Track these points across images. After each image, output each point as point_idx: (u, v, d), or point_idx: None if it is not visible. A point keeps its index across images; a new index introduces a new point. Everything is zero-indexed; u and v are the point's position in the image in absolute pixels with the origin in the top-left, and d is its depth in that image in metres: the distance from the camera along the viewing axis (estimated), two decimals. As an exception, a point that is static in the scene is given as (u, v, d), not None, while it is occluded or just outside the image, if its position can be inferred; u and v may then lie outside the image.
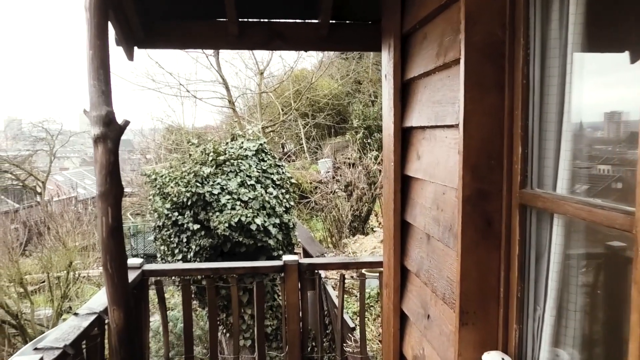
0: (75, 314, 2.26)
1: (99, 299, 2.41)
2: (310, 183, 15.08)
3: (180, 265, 3.35)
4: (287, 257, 3.34)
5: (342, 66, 19.65)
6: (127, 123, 2.07)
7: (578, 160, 1.35)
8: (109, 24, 2.44)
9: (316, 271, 3.63)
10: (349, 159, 14.66)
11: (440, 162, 1.82)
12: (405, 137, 2.24)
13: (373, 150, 14.49)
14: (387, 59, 2.30)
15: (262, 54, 16.24)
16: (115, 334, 2.08)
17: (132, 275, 2.94)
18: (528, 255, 1.51)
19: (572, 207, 1.25)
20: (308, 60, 27.82)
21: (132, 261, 3.07)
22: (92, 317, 2.23)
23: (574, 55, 1.32)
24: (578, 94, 1.34)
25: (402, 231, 2.30)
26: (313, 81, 17.50)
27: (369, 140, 15.55)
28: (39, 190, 20.19)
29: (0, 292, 9.28)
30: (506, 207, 1.55)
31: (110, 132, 1.97)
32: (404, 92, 2.22)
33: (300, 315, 3.42)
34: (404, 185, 2.27)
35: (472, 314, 1.60)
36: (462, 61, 1.53)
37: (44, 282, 10.70)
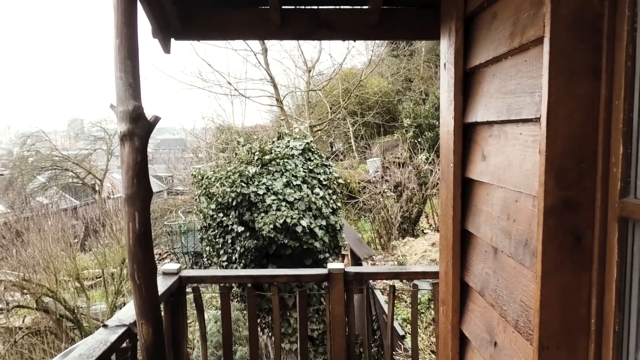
0: (105, 326, 2.12)
1: (129, 310, 2.27)
2: (359, 183, 14.81)
3: (219, 272, 3.19)
4: (332, 265, 3.10)
5: (393, 64, 19.28)
6: (157, 119, 1.89)
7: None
8: (145, 15, 2.30)
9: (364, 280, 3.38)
10: (398, 158, 14.31)
11: (512, 164, 1.53)
12: (467, 134, 1.96)
13: (424, 149, 14.06)
14: (446, 46, 2.02)
15: (310, 53, 16.18)
16: (144, 350, 1.92)
17: (169, 282, 2.81)
18: (629, 280, 1.21)
19: None
20: (357, 58, 27.60)
21: (169, 267, 2.95)
22: (121, 330, 2.08)
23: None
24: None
25: (462, 242, 2.02)
26: (362, 79, 17.20)
27: (419, 140, 15.14)
28: (96, 188, 20.98)
29: (59, 287, 9.58)
30: (600, 220, 1.25)
31: (138, 129, 1.80)
32: (466, 83, 1.93)
33: (347, 327, 3.18)
34: (465, 189, 1.99)
35: (554, 349, 1.31)
36: (546, 40, 1.24)
37: (100, 277, 11.02)
